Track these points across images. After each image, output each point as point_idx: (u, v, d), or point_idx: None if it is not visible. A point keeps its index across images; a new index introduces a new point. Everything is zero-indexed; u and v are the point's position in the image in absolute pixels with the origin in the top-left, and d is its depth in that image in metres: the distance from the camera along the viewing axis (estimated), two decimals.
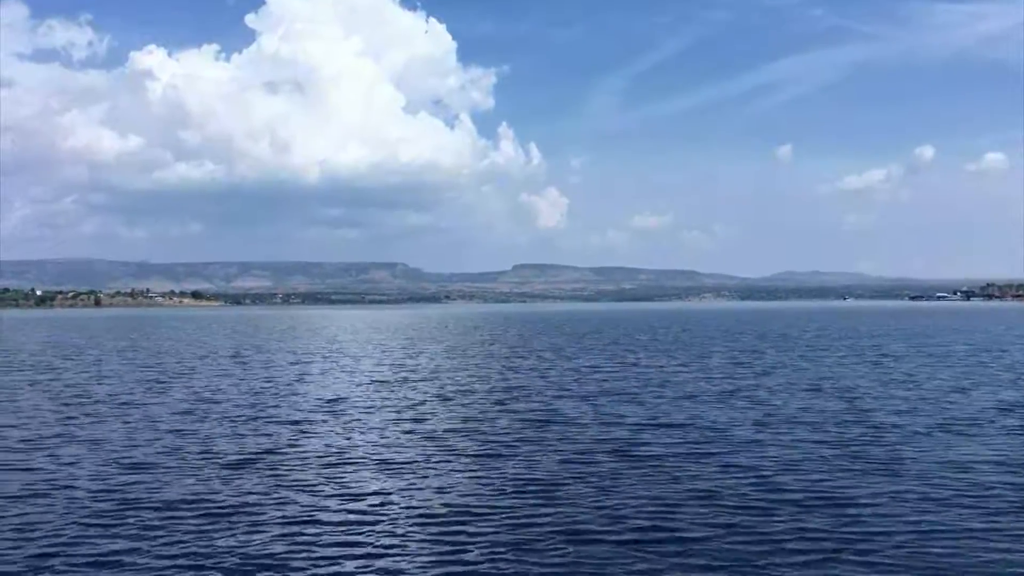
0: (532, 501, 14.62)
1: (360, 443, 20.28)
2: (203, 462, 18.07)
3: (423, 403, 27.68)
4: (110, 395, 30.68)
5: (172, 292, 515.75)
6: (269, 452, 19.11)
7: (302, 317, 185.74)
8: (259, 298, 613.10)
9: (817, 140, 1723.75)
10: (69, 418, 24.67)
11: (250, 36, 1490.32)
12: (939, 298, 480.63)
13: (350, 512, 14.01)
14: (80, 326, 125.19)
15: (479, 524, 13.25)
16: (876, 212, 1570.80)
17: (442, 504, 14.46)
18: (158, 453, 19.08)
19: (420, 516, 13.76)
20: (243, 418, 24.45)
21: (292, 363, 46.12)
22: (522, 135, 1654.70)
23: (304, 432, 21.89)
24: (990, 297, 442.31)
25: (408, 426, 22.78)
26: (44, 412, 26.14)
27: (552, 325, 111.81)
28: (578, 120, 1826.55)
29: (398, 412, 25.44)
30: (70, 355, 54.85)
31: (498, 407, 26.53)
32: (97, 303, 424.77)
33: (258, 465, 17.70)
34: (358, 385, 33.93)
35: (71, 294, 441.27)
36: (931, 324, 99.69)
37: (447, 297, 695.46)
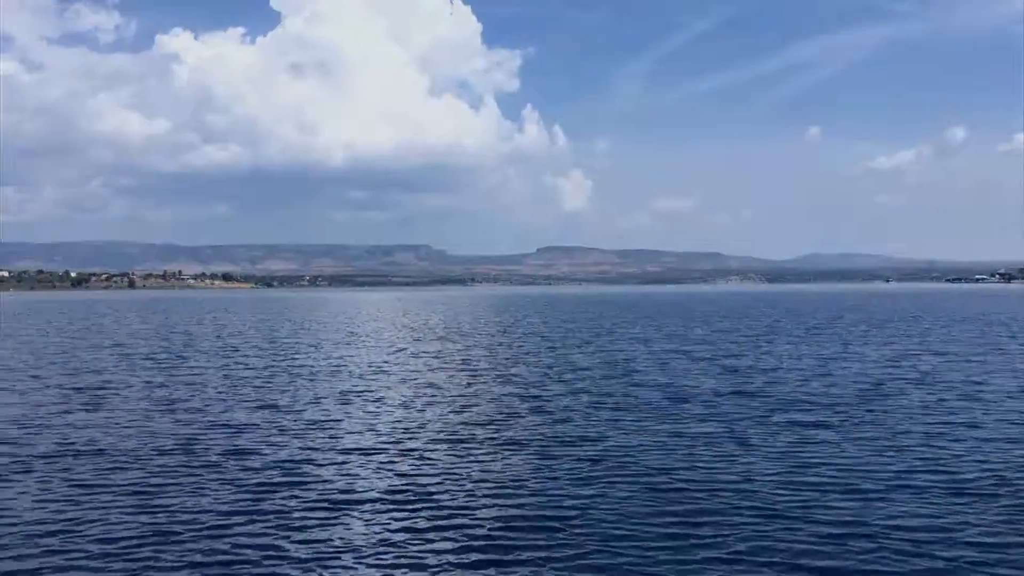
0: None
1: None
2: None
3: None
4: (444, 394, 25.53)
5: (203, 274, 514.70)
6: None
7: (359, 301, 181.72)
8: (286, 280, 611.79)
9: (846, 121, 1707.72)
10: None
11: (275, 19, 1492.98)
12: (977, 280, 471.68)
13: None
14: (160, 310, 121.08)
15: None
16: (905, 193, 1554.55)
17: None
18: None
19: None
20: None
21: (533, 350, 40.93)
22: (547, 117, 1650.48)
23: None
24: None
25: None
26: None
27: (656, 310, 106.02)
28: (603, 102, 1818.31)
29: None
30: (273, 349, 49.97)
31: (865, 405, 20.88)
32: (131, 285, 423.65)
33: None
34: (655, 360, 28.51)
35: (104, 276, 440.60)
36: None
37: (472, 279, 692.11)
